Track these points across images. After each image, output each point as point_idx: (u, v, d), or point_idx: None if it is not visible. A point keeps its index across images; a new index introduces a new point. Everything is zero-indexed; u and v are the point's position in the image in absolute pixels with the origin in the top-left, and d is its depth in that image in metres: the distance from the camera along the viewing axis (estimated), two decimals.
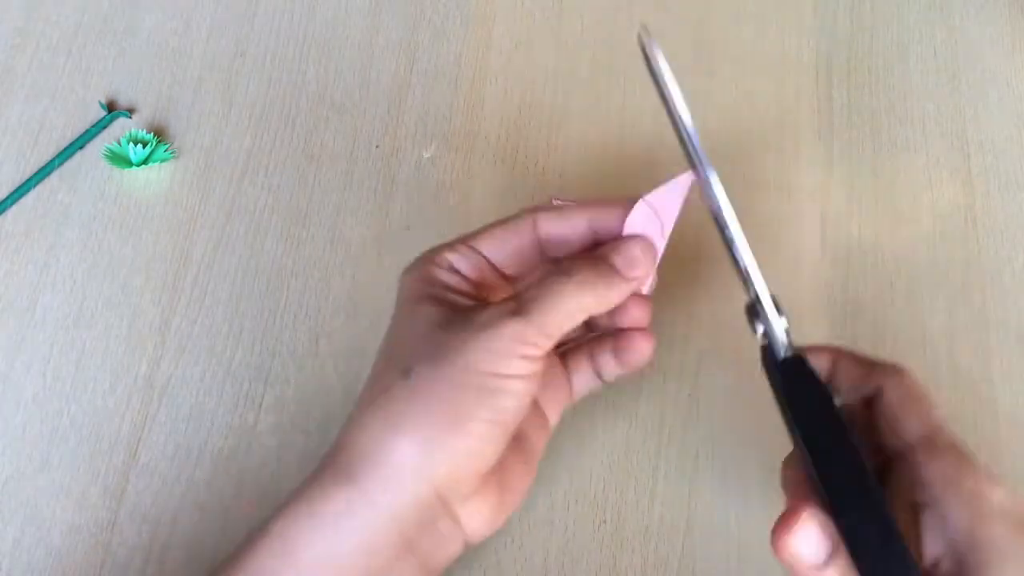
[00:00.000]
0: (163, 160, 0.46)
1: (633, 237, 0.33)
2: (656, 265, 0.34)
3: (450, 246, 0.34)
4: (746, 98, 0.48)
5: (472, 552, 0.39)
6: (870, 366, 0.33)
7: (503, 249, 0.34)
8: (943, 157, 0.47)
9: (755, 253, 0.33)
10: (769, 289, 0.32)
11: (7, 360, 0.42)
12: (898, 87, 0.49)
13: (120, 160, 0.45)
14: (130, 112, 0.47)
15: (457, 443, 0.29)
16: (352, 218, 0.45)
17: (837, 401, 0.32)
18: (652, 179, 0.46)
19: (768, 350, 0.33)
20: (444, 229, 0.45)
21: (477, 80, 0.49)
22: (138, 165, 0.46)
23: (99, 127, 0.47)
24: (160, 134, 0.47)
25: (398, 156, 0.47)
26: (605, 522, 0.40)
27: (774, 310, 0.32)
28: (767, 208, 0.46)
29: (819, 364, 0.34)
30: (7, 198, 0.45)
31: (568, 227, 0.34)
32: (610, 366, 0.36)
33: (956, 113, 0.48)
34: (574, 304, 0.31)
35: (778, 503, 0.40)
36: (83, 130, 0.47)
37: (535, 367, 0.30)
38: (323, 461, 0.31)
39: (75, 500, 0.40)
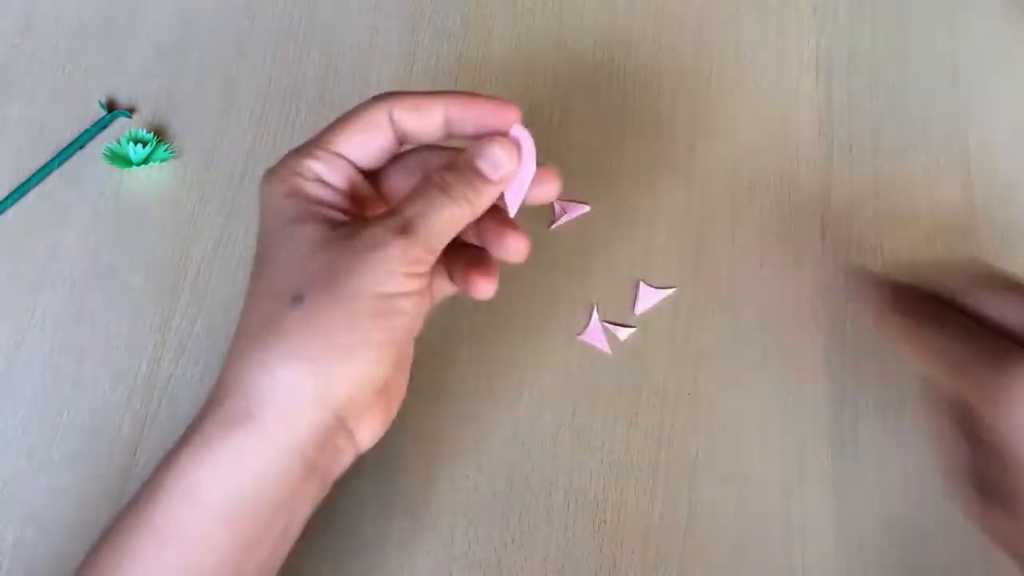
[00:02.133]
0: (163, 160, 0.46)
1: (494, 138, 0.32)
2: (523, 181, 0.33)
3: (311, 154, 0.32)
4: (746, 98, 0.48)
5: (472, 552, 0.39)
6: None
7: (364, 149, 0.32)
8: (943, 157, 0.47)
9: (756, 254, 0.33)
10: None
11: (7, 360, 0.42)
12: (898, 87, 0.49)
13: (120, 160, 0.45)
14: (130, 112, 0.47)
15: (355, 368, 0.29)
16: None
17: None
18: (652, 179, 0.47)
19: None
20: None
21: (477, 80, 0.49)
22: (138, 165, 0.46)
23: (99, 127, 0.47)
24: (160, 134, 0.47)
25: None
26: (605, 522, 0.40)
27: None
28: (767, 208, 0.46)
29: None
30: (7, 198, 0.45)
31: (424, 120, 0.32)
32: (460, 273, 0.35)
33: (956, 113, 0.48)
34: (453, 216, 0.31)
35: (777, 503, 0.40)
36: (83, 130, 0.47)
37: (423, 282, 0.30)
38: (211, 400, 0.30)
39: (75, 500, 0.40)
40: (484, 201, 0.32)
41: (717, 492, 0.40)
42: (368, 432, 0.32)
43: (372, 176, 0.34)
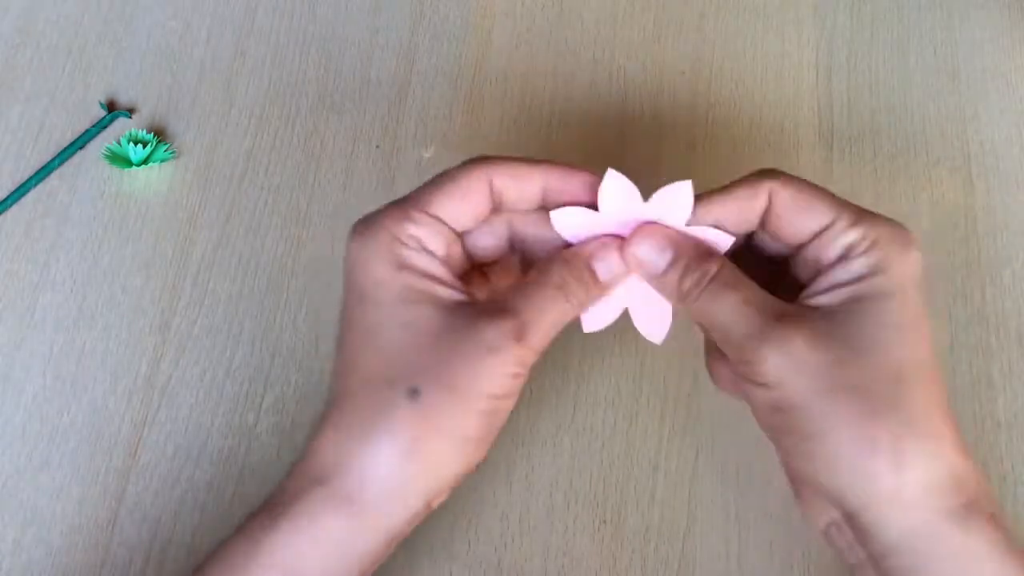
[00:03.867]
0: (163, 160, 0.46)
1: (611, 243, 0.32)
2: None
3: (412, 217, 0.31)
4: (746, 98, 0.48)
5: (473, 552, 0.39)
6: (747, 182, 0.32)
7: (461, 215, 0.32)
8: (943, 157, 0.47)
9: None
10: None
11: (7, 360, 0.42)
12: (898, 87, 0.49)
13: (120, 160, 0.45)
14: (130, 112, 0.47)
15: (460, 463, 0.30)
16: (352, 218, 0.45)
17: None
18: (652, 179, 0.46)
19: None
20: None
21: (477, 80, 0.49)
22: (138, 165, 0.46)
23: (99, 127, 0.47)
24: (160, 134, 0.47)
25: (398, 156, 0.47)
26: (605, 522, 0.40)
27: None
28: None
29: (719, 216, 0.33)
30: (7, 198, 0.45)
31: (523, 191, 0.32)
32: None
33: (956, 113, 0.48)
34: (565, 318, 0.31)
35: (777, 503, 0.40)
36: (83, 130, 0.47)
37: (524, 381, 0.31)
38: (308, 474, 0.30)
39: (75, 500, 0.40)
40: (591, 302, 0.32)
41: (717, 492, 0.40)
42: (445, 497, 0.32)
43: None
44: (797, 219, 0.31)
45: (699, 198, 0.32)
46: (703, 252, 0.31)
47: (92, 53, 0.49)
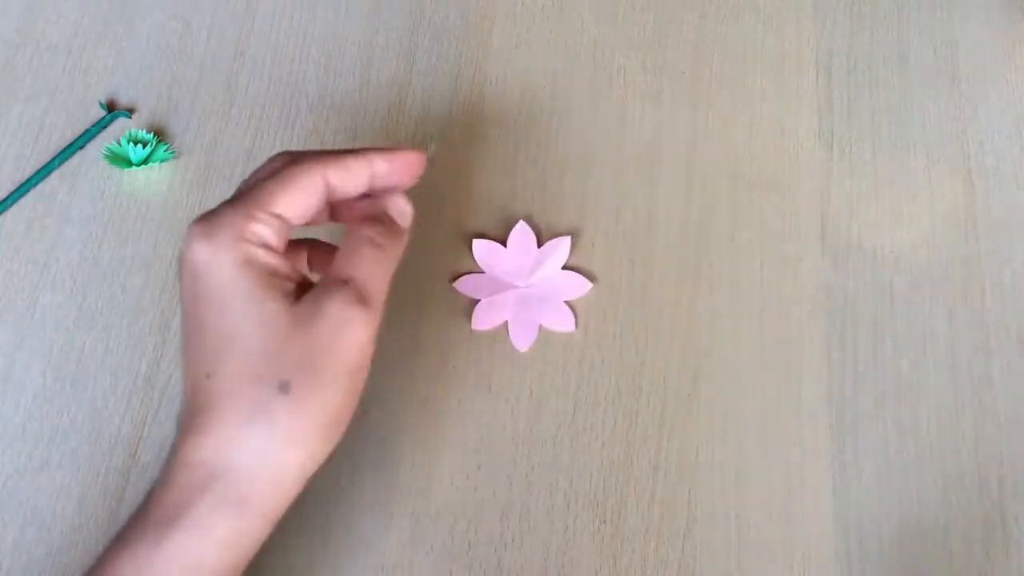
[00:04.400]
0: (163, 160, 0.46)
1: (393, 193, 0.34)
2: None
3: (255, 216, 0.31)
4: (746, 98, 0.48)
5: (473, 552, 0.39)
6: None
7: (299, 210, 0.33)
8: (943, 157, 0.47)
9: (756, 254, 0.33)
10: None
11: (7, 360, 0.42)
12: (898, 87, 0.49)
13: (120, 160, 0.45)
14: (130, 112, 0.47)
15: (335, 440, 0.32)
16: None
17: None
18: (652, 179, 0.47)
19: None
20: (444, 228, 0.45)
21: (477, 80, 0.49)
22: (138, 165, 0.46)
23: (99, 127, 0.47)
24: (160, 134, 0.47)
25: None
26: (605, 522, 0.40)
27: None
28: (767, 208, 0.46)
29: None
30: (7, 198, 0.45)
31: (354, 181, 0.34)
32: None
33: (956, 113, 0.48)
34: (389, 272, 0.33)
35: (777, 502, 0.40)
36: (83, 130, 0.47)
37: (374, 347, 0.32)
38: (193, 483, 0.30)
39: (75, 500, 0.40)
40: (400, 250, 0.34)
41: (717, 492, 0.40)
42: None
43: None
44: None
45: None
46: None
47: (92, 53, 0.49)
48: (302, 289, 0.32)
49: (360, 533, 0.39)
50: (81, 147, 0.46)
